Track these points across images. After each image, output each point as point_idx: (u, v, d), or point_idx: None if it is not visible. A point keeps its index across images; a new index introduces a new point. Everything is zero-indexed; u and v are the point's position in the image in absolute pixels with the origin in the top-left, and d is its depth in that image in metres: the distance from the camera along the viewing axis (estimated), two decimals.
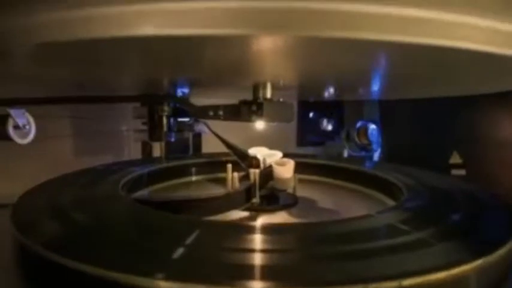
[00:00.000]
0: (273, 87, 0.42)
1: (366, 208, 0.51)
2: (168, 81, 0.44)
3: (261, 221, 0.39)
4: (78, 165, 0.59)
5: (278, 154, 0.48)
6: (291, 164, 0.45)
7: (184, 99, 0.53)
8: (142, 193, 0.53)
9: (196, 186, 0.60)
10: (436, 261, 0.23)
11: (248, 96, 0.44)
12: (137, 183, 0.53)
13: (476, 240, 0.27)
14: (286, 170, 0.45)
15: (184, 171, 0.62)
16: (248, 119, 0.42)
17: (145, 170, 0.56)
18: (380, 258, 0.23)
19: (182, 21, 0.14)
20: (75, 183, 0.41)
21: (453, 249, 0.25)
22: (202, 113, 0.46)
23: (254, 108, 0.41)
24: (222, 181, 0.56)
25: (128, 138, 0.74)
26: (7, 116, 0.36)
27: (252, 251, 0.23)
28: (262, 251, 0.23)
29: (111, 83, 0.43)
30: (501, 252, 0.26)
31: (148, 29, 0.14)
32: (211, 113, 0.44)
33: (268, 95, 0.43)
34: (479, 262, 0.23)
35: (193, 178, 0.63)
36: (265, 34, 0.14)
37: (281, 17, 0.13)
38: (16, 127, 0.36)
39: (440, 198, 0.38)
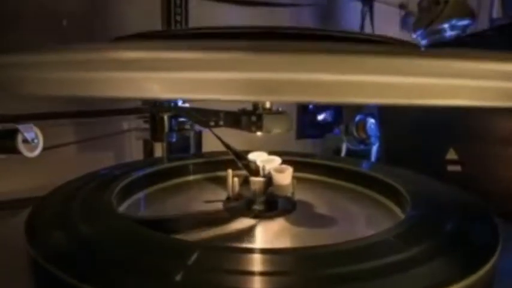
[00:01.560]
0: None
1: (363, 211, 0.53)
2: None
3: (260, 230, 0.41)
4: (81, 163, 0.61)
5: (277, 160, 0.50)
6: (289, 171, 0.47)
7: (186, 109, 0.54)
8: (144, 195, 0.55)
9: (198, 186, 0.62)
10: (426, 282, 0.25)
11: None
12: (138, 184, 0.55)
13: (464, 257, 0.29)
14: (284, 177, 0.46)
15: (185, 171, 0.64)
16: (248, 129, 0.44)
17: (147, 171, 0.58)
18: (372, 280, 0.24)
19: (186, 88, 0.15)
20: (80, 192, 0.43)
21: (442, 268, 0.27)
22: (203, 122, 0.48)
23: (254, 119, 0.43)
24: (223, 180, 0.58)
25: (129, 137, 0.76)
26: (16, 131, 0.37)
27: (252, 273, 0.25)
28: (261, 274, 0.25)
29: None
30: (486, 269, 0.28)
31: (156, 93, 0.15)
32: (212, 123, 0.46)
33: (268, 104, 0.44)
34: (464, 282, 0.25)
35: (195, 178, 0.65)
36: (259, 99, 0.15)
37: (275, 85, 0.15)
38: (25, 141, 0.38)
39: (434, 209, 0.40)
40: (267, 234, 0.41)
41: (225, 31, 0.26)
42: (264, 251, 0.27)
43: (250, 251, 0.28)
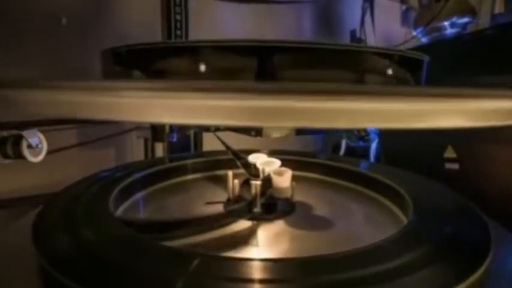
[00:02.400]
0: None
1: (362, 211, 0.54)
2: None
3: (259, 232, 0.42)
4: (85, 162, 0.62)
5: (276, 162, 0.51)
6: (288, 174, 0.48)
7: None
8: (146, 195, 0.56)
9: (199, 185, 0.63)
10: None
11: None
12: (140, 185, 0.56)
13: (457, 262, 0.31)
14: (284, 179, 0.47)
15: (186, 170, 0.65)
16: (248, 133, 0.44)
17: (149, 171, 0.59)
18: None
19: (192, 114, 0.16)
20: (83, 197, 0.44)
21: (437, 274, 0.28)
22: (204, 126, 0.48)
23: None
24: (223, 179, 0.59)
25: (130, 136, 0.76)
26: (21, 137, 0.38)
27: (251, 281, 0.26)
28: (260, 281, 0.26)
29: None
30: (478, 273, 0.29)
31: (164, 119, 0.16)
32: (212, 128, 0.46)
33: None
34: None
35: (195, 177, 0.66)
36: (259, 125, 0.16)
37: (269, 114, 0.16)
38: (29, 146, 0.38)
39: (432, 214, 0.41)
40: (266, 237, 0.42)
41: (220, 45, 0.27)
42: (261, 261, 0.28)
43: (248, 260, 0.29)
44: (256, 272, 0.27)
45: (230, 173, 0.51)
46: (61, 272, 0.28)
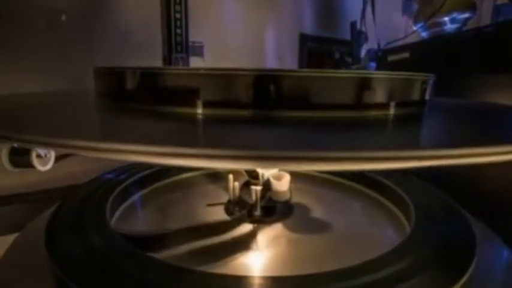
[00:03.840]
0: None
1: (360, 213, 0.56)
2: None
3: (257, 236, 0.45)
4: (86, 160, 0.63)
5: None
6: (287, 178, 0.50)
7: None
8: (146, 195, 0.58)
9: (198, 183, 0.65)
10: None
11: None
12: (139, 184, 0.58)
13: (443, 271, 0.33)
14: (282, 184, 0.49)
15: (185, 168, 0.66)
16: None
17: (149, 171, 0.61)
18: None
19: (188, 159, 0.18)
20: (89, 202, 0.46)
21: (424, 282, 0.30)
22: None
23: None
24: (222, 176, 0.63)
25: None
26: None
27: None
28: None
29: None
30: (464, 279, 0.31)
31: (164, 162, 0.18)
32: None
33: None
34: None
35: (195, 174, 0.68)
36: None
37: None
38: (38, 156, 0.40)
39: (428, 221, 0.43)
40: (266, 240, 0.44)
41: (217, 73, 0.28)
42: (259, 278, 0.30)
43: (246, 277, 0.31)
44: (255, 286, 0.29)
45: (231, 176, 0.53)
46: (67, 275, 0.30)
